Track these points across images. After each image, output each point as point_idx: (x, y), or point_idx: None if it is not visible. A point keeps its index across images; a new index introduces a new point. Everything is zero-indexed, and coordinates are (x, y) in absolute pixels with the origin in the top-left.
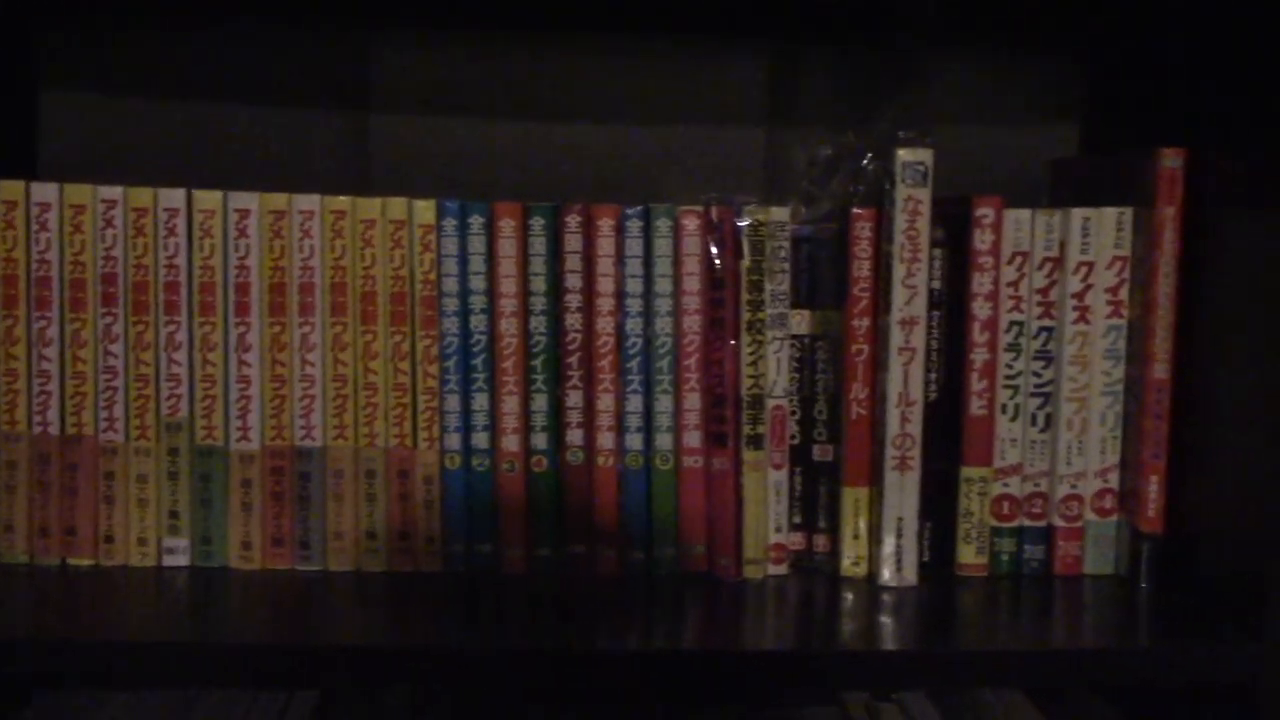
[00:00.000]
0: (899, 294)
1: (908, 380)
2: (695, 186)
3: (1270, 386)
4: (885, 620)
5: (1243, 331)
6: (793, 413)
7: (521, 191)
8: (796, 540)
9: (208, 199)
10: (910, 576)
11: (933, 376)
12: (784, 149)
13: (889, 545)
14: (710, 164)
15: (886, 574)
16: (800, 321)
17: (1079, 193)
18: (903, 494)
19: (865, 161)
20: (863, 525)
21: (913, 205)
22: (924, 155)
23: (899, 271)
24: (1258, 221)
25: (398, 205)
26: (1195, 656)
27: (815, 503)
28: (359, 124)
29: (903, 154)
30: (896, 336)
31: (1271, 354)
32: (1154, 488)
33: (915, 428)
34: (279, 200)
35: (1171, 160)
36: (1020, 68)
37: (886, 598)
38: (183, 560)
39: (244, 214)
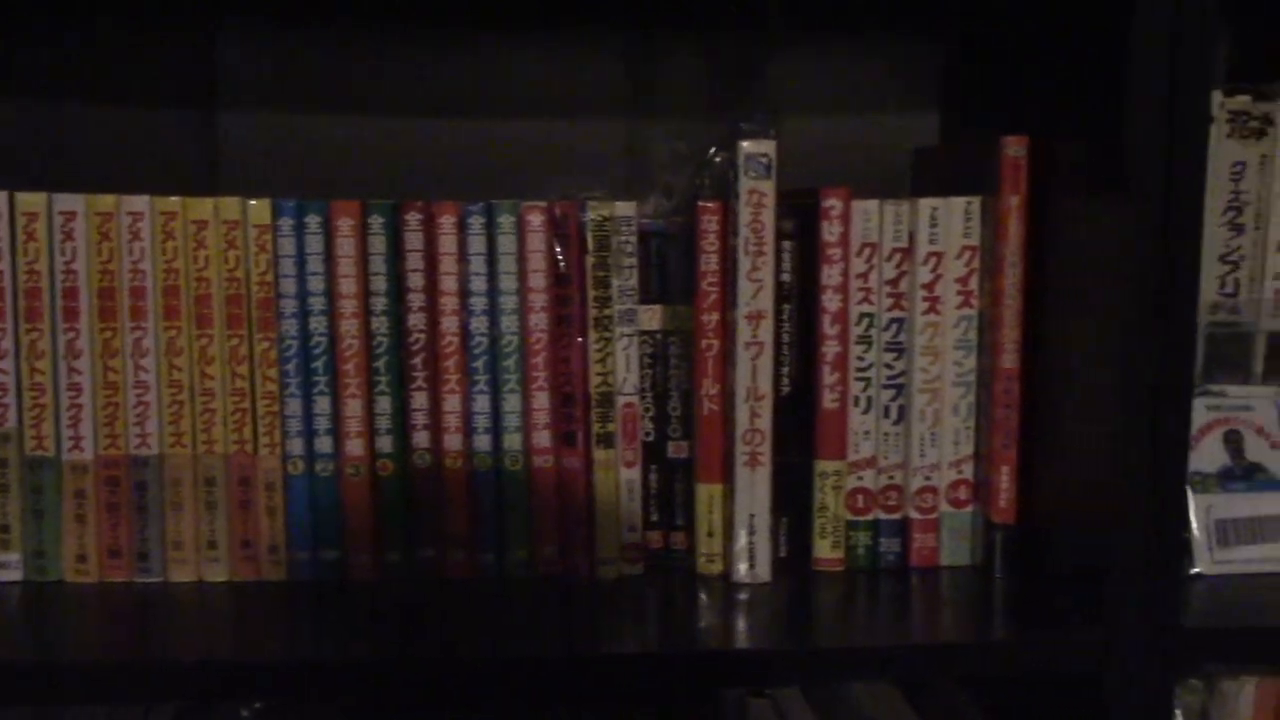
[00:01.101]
0: (745, 288)
1: (756, 375)
2: (559, 182)
3: (1111, 375)
4: (734, 619)
5: (1085, 320)
6: (646, 410)
7: (377, 187)
8: (655, 538)
9: (31, 201)
10: (764, 573)
11: (785, 370)
12: (646, 142)
13: (742, 542)
14: (571, 158)
15: (740, 571)
16: (652, 317)
17: (937, 182)
18: (754, 490)
19: (712, 154)
20: (717, 522)
21: (757, 198)
22: (767, 147)
23: (744, 265)
24: (1095, 209)
25: (231, 205)
26: (1044, 648)
27: (672, 500)
28: (207, 121)
29: (745, 146)
30: (744, 331)
31: (1112, 343)
32: (1005, 478)
33: (765, 423)
34: (106, 202)
35: (1014, 149)
36: (881, 55)
37: (739, 595)
38: (15, 575)
39: (70, 216)
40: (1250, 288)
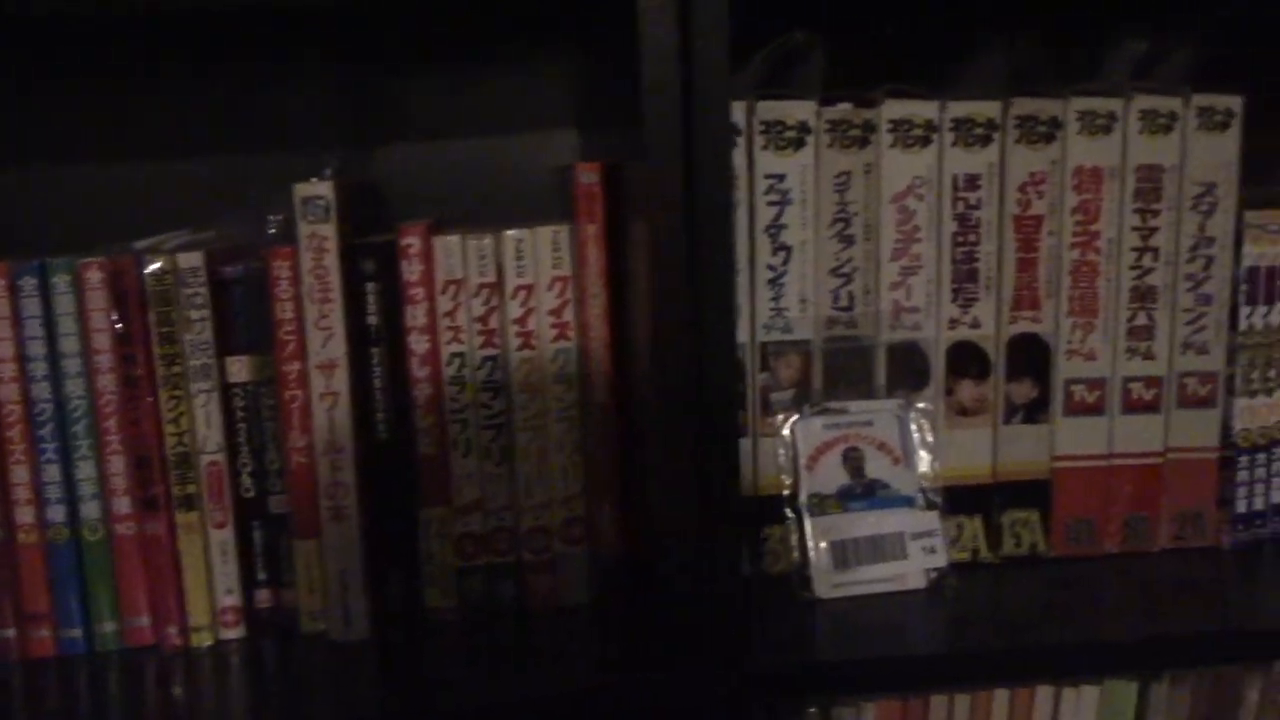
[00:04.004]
0: (314, 337)
1: (333, 427)
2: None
3: (686, 404)
4: (314, 684)
5: (660, 348)
6: (243, 465)
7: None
8: (265, 597)
9: None
10: (361, 629)
11: (380, 416)
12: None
13: (336, 599)
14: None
15: (336, 629)
16: (240, 368)
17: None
18: (343, 545)
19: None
20: (317, 578)
21: (318, 242)
22: (323, 189)
23: (311, 313)
24: (641, 232)
25: None
26: (655, 689)
27: (278, 557)
28: None
29: (300, 189)
30: (317, 381)
31: (684, 370)
32: (608, 514)
33: (348, 475)
34: None
35: (587, 176)
36: (519, 74)
37: (331, 655)
38: None
39: None
40: (866, 300)
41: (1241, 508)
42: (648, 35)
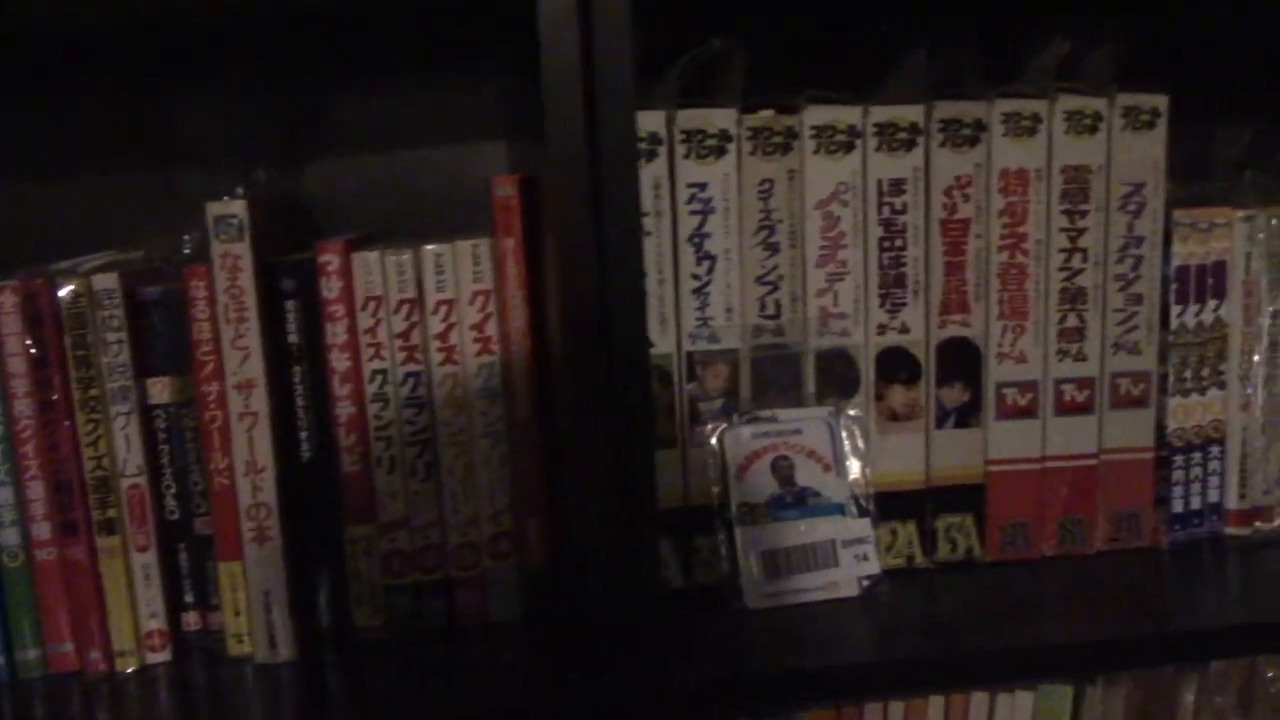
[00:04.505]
0: (231, 356)
1: (253, 447)
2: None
3: (598, 417)
4: (234, 707)
5: (571, 361)
6: (167, 487)
7: None
8: (193, 619)
9: None
10: (287, 651)
11: (304, 435)
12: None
13: (260, 621)
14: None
15: (262, 651)
16: (162, 390)
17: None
18: (265, 566)
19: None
20: (242, 600)
21: (231, 261)
22: (236, 208)
23: (227, 333)
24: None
25: None
26: (583, 705)
27: (205, 579)
28: None
29: (213, 208)
30: (235, 401)
31: (596, 383)
32: (535, 529)
33: (269, 496)
34: None
35: (503, 189)
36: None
37: (257, 678)
38: None
39: None
40: (793, 308)
41: (1178, 507)
42: (549, 47)
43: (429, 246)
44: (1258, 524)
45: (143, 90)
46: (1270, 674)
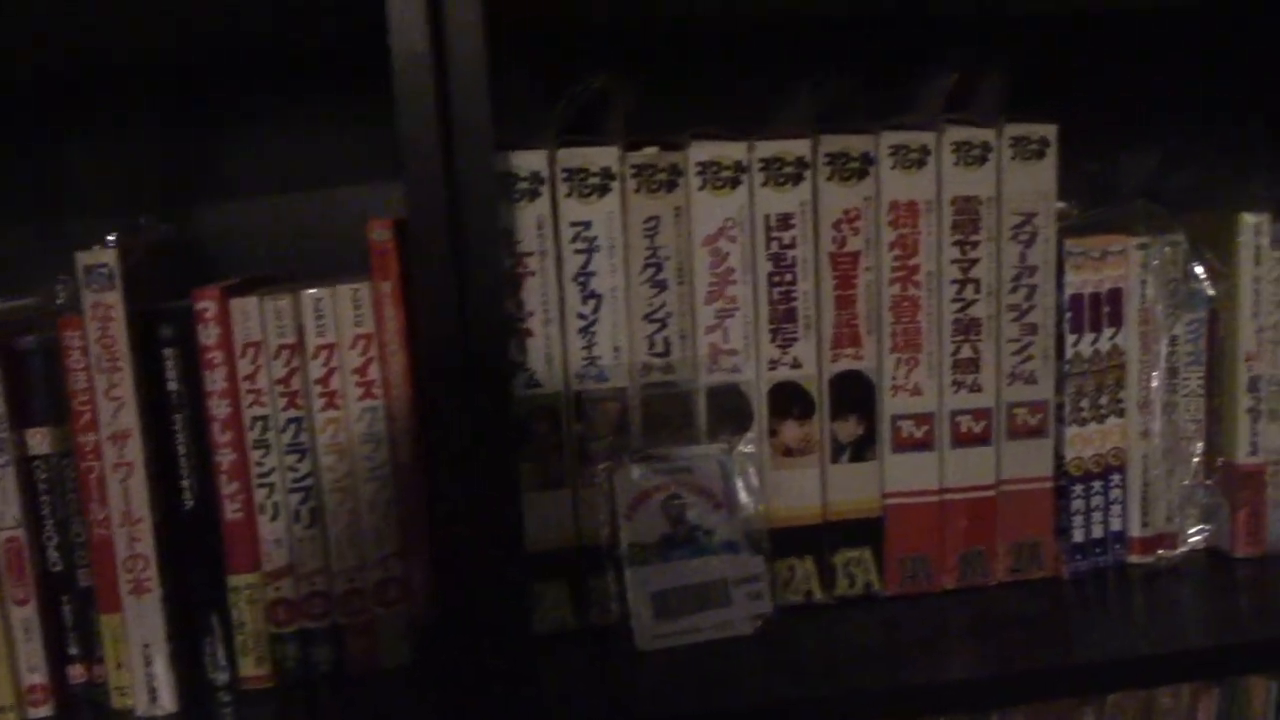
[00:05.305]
0: (105, 407)
1: (129, 498)
2: None
3: (463, 462)
4: None
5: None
6: (49, 539)
7: None
8: (79, 672)
9: None
10: (168, 703)
11: (186, 484)
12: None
13: (140, 674)
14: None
15: (143, 704)
16: (41, 440)
17: None
18: (145, 619)
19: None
20: (125, 653)
21: (103, 311)
22: (107, 257)
23: (101, 383)
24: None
25: None
26: None
27: (90, 631)
28: None
29: (83, 257)
30: (110, 453)
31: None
32: (420, 574)
33: (147, 547)
34: None
35: (378, 233)
36: (344, 130)
37: None
38: None
39: None
40: (682, 345)
41: (1079, 537)
42: (402, 89)
43: (308, 291)
44: (1161, 552)
45: (29, 136)
46: (1167, 701)
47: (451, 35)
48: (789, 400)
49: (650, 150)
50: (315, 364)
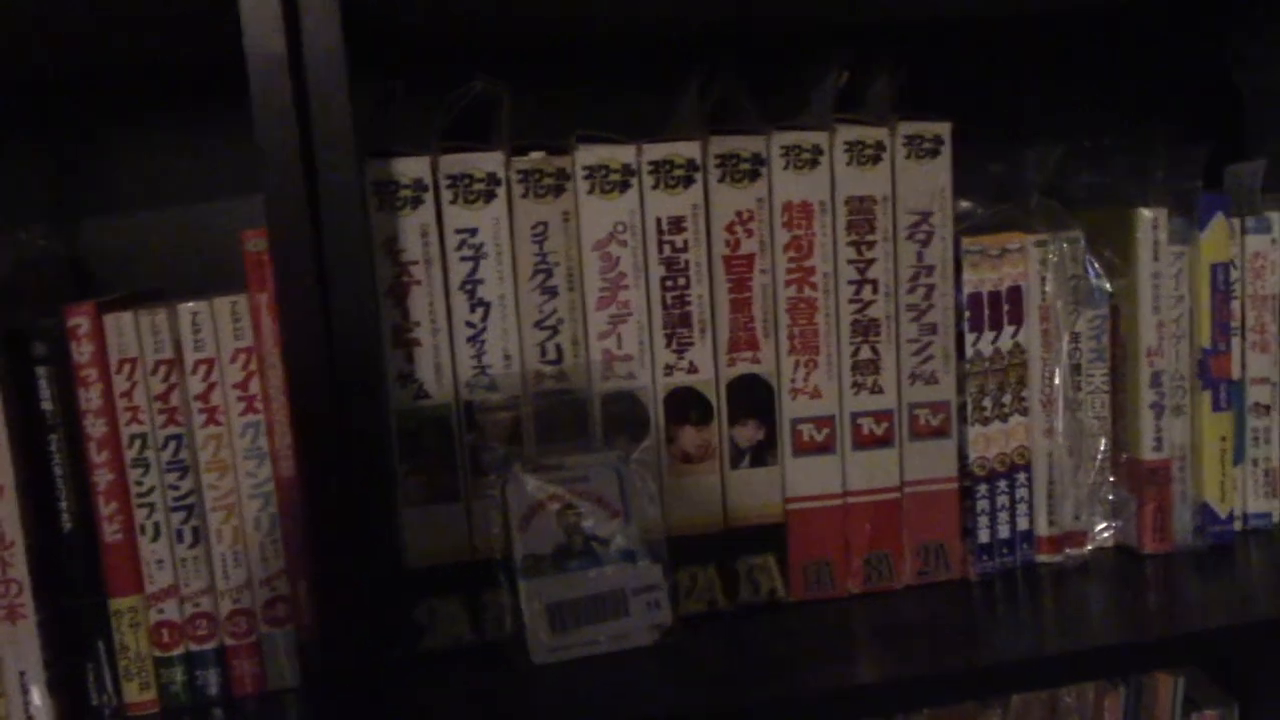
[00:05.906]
0: None
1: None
2: None
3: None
4: None
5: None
6: None
7: None
8: None
9: None
10: None
11: (63, 505)
12: None
13: (17, 702)
14: None
15: None
16: None
17: None
18: (19, 645)
19: None
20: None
21: None
22: None
23: None
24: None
25: None
26: None
27: None
28: None
29: None
30: None
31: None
32: (304, 591)
33: (20, 571)
34: None
35: (254, 244)
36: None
37: None
38: None
39: None
40: (575, 352)
41: (984, 537)
42: (258, 89)
43: (185, 304)
44: (1069, 550)
45: None
46: (1069, 700)
47: (308, 35)
48: (686, 405)
49: (536, 155)
50: (195, 379)
